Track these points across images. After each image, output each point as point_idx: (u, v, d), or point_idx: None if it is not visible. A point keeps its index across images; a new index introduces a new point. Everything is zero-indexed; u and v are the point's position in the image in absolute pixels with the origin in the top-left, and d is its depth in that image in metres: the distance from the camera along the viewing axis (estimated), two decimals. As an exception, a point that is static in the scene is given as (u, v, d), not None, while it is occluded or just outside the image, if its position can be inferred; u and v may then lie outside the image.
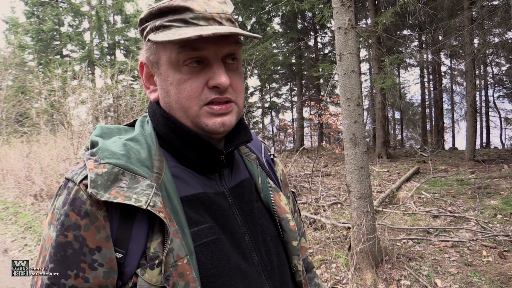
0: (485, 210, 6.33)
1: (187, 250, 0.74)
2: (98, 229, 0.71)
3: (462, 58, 17.43)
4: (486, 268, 4.27)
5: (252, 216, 0.91)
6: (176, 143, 0.85)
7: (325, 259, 4.60)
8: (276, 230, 0.96)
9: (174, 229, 0.74)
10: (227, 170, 0.94)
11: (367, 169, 4.35)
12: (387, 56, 10.40)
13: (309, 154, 14.91)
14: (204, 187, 0.86)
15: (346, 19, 4.27)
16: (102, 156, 0.75)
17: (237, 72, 0.85)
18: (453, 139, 25.96)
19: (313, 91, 21.92)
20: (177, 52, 0.78)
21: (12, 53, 24.92)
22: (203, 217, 0.81)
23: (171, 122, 0.84)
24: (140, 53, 0.90)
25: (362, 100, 3.97)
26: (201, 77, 0.79)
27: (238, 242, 0.85)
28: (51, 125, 13.43)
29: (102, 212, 0.72)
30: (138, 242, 0.73)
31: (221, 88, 0.79)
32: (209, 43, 0.77)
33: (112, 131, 0.88)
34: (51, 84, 13.77)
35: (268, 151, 1.15)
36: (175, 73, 0.80)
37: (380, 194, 7.79)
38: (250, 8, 16.94)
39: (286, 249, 0.97)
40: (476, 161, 11.80)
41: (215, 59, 0.79)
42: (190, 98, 0.80)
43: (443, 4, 11.63)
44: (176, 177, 0.82)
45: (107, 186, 0.71)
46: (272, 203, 0.97)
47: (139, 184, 0.74)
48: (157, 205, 0.72)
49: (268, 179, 1.01)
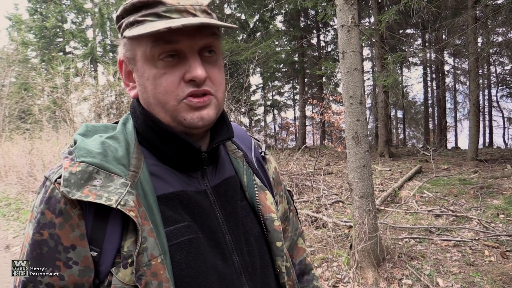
0: (488, 209, 6.30)
1: (161, 250, 0.73)
2: (72, 227, 0.71)
3: (465, 57, 17.37)
4: (488, 268, 4.26)
5: (234, 215, 0.89)
6: (155, 141, 0.84)
7: (327, 258, 4.59)
8: (260, 230, 0.94)
9: (149, 228, 0.73)
10: (211, 168, 0.92)
11: (369, 168, 4.34)
12: (390, 55, 10.38)
13: (311, 153, 14.90)
14: (183, 185, 0.84)
15: (349, 17, 4.25)
16: (78, 155, 0.75)
17: (215, 65, 0.83)
18: (455, 138, 25.94)
19: (315, 89, 21.89)
20: (151, 47, 0.77)
21: (15, 50, 24.97)
22: (181, 216, 0.80)
23: (150, 120, 0.82)
24: (118, 50, 0.88)
25: (365, 98, 3.96)
26: (177, 71, 0.78)
27: (217, 242, 0.84)
28: (53, 122, 13.47)
29: (77, 210, 0.72)
30: (113, 240, 0.73)
31: (197, 81, 0.78)
32: (183, 36, 0.76)
33: (98, 129, 0.88)
34: (53, 81, 13.78)
35: (259, 148, 1.11)
36: (151, 68, 0.79)
37: (382, 193, 7.77)
38: (253, 6, 16.94)
39: (270, 250, 0.94)
40: (478, 160, 11.77)
41: (190, 52, 0.78)
42: (166, 93, 0.78)
43: (447, 2, 11.58)
44: (154, 175, 0.81)
45: (80, 184, 0.71)
46: (257, 202, 0.95)
47: (113, 183, 0.73)
48: (128, 204, 0.71)
49: (255, 177, 0.99)
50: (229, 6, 18.02)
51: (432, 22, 13.01)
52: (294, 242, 1.19)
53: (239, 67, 13.50)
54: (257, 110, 24.77)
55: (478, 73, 13.19)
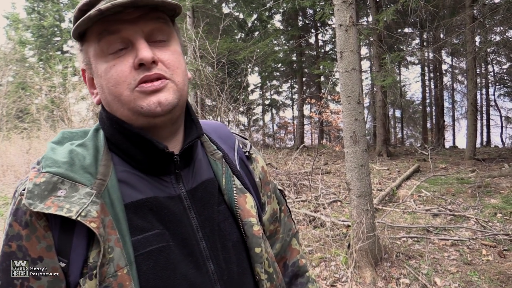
0: (485, 208, 6.32)
1: (127, 260, 0.72)
2: (38, 239, 0.70)
3: (463, 56, 17.39)
4: (485, 267, 4.27)
5: (210, 220, 0.86)
6: (123, 144, 0.81)
7: (325, 257, 4.60)
8: (240, 235, 0.90)
9: (115, 238, 0.72)
10: (187, 171, 0.88)
11: (367, 167, 4.34)
12: (388, 54, 10.38)
13: (309, 152, 14.90)
14: (155, 191, 0.81)
15: (347, 16, 4.26)
16: (44, 165, 0.74)
17: (168, 49, 0.80)
18: (453, 137, 25.94)
19: (313, 88, 21.91)
20: (98, 42, 0.76)
21: (13, 49, 24.88)
22: (151, 224, 0.78)
23: (115, 122, 0.80)
24: (78, 61, 0.86)
25: (363, 98, 3.96)
26: (126, 60, 0.75)
27: (191, 250, 0.81)
28: (51, 121, 13.44)
29: (42, 222, 0.71)
30: (79, 251, 0.71)
31: (145, 64, 0.74)
32: (126, 23, 0.75)
33: (75, 135, 0.86)
34: (51, 80, 13.76)
35: (244, 147, 1.06)
36: (102, 64, 0.77)
37: (380, 192, 7.78)
38: (251, 5, 16.91)
39: (249, 256, 0.90)
40: (476, 159, 11.79)
41: (136, 38, 0.75)
42: (118, 83, 0.75)
43: (444, 2, 11.59)
44: (123, 182, 0.79)
45: (44, 196, 0.70)
46: (235, 206, 0.90)
47: (77, 193, 0.72)
48: (89, 214, 0.70)
49: (235, 179, 0.94)
50: (227, 5, 17.98)
51: (430, 22, 13.03)
52: (287, 243, 1.14)
53: (237, 66, 13.50)
54: (255, 109, 24.76)
55: (476, 72, 13.21)
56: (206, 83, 9.44)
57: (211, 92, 9.37)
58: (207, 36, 11.12)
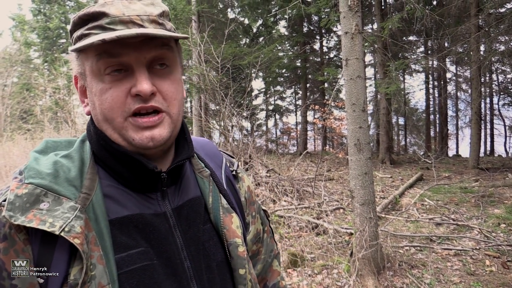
0: (489, 219, 6.29)
1: (110, 278, 0.69)
2: (17, 253, 0.67)
3: (467, 65, 17.38)
4: (489, 277, 4.24)
5: (195, 239, 0.84)
6: (109, 161, 0.79)
7: (327, 265, 4.57)
8: (224, 255, 0.88)
9: (98, 255, 0.70)
10: (173, 188, 0.87)
11: (371, 175, 4.33)
12: (393, 62, 10.38)
13: (312, 158, 14.89)
14: (141, 208, 0.79)
15: (353, 24, 4.26)
16: (27, 176, 0.71)
17: (168, 78, 0.78)
18: (457, 146, 25.89)
19: (317, 95, 21.90)
20: (96, 61, 0.73)
21: (18, 50, 25.05)
22: (135, 241, 0.76)
23: (102, 139, 0.78)
24: (72, 66, 0.84)
25: (367, 105, 3.94)
26: (123, 86, 0.73)
27: (175, 269, 0.79)
28: (55, 122, 13.48)
29: (22, 235, 0.68)
30: (59, 267, 0.68)
31: (143, 96, 0.73)
32: (129, 48, 0.72)
33: (59, 145, 0.84)
34: (56, 82, 13.83)
35: (231, 166, 1.05)
36: (98, 83, 0.75)
37: (382, 200, 7.75)
38: (256, 11, 16.98)
39: (233, 277, 0.88)
40: (480, 169, 11.74)
41: (137, 66, 0.73)
42: (112, 108, 0.74)
43: (450, 10, 11.61)
44: (108, 197, 0.77)
45: (25, 208, 0.67)
46: (221, 226, 0.89)
47: (61, 206, 0.69)
48: (73, 230, 0.67)
49: (222, 198, 0.93)
50: (233, 11, 18.07)
51: (435, 30, 13.06)
52: (269, 264, 1.12)
53: (242, 71, 13.54)
54: (259, 114, 24.79)
55: (480, 81, 13.19)
56: (210, 88, 9.47)
57: (215, 97, 9.40)
58: (212, 41, 11.16)
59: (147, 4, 0.77)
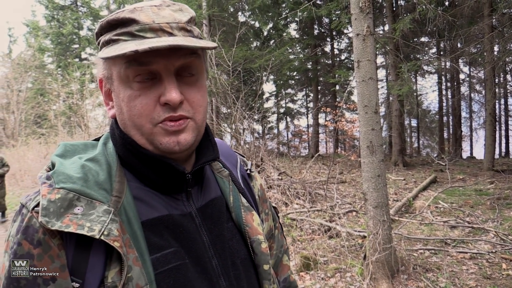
0: (505, 221, 6.18)
1: (147, 279, 0.70)
2: (52, 258, 0.67)
3: (481, 66, 17.18)
4: (506, 281, 4.16)
5: (221, 237, 0.87)
6: (136, 165, 0.81)
7: (340, 268, 4.54)
8: (247, 252, 0.91)
9: (134, 257, 0.70)
10: (196, 189, 0.89)
11: (384, 178, 4.29)
12: (405, 63, 10.30)
13: (324, 161, 14.83)
14: (169, 209, 0.81)
15: (365, 25, 4.23)
16: (57, 180, 0.71)
17: (195, 85, 0.79)
18: (471, 148, 25.59)
19: (328, 97, 21.84)
20: (125, 68, 0.74)
21: (32, 55, 25.44)
22: (167, 242, 0.77)
23: (128, 143, 0.79)
24: (97, 68, 0.85)
25: (379, 107, 3.90)
26: (152, 94, 0.74)
27: (204, 267, 0.81)
28: (68, 127, 13.66)
29: (56, 240, 0.68)
30: (95, 271, 0.69)
31: (172, 105, 0.74)
32: (158, 56, 0.72)
33: (77, 148, 0.84)
34: (69, 87, 14.00)
35: (245, 166, 1.08)
36: (126, 89, 0.75)
37: (396, 202, 7.68)
38: (267, 14, 17.01)
39: (257, 273, 0.91)
40: (495, 171, 11.59)
41: (166, 74, 0.74)
42: (141, 116, 0.75)
43: (463, 11, 11.49)
44: (138, 199, 0.78)
45: (60, 213, 0.67)
46: (244, 224, 0.91)
47: (95, 210, 0.70)
48: (112, 233, 0.68)
49: (241, 197, 0.95)
50: (243, 14, 18.11)
51: (447, 31, 12.93)
52: (279, 260, 1.16)
53: (253, 74, 13.55)
54: (270, 117, 24.81)
55: (495, 82, 13.01)
56: (221, 91, 9.49)
57: (227, 100, 9.41)
58: (223, 44, 11.20)
59: (176, 10, 0.78)
